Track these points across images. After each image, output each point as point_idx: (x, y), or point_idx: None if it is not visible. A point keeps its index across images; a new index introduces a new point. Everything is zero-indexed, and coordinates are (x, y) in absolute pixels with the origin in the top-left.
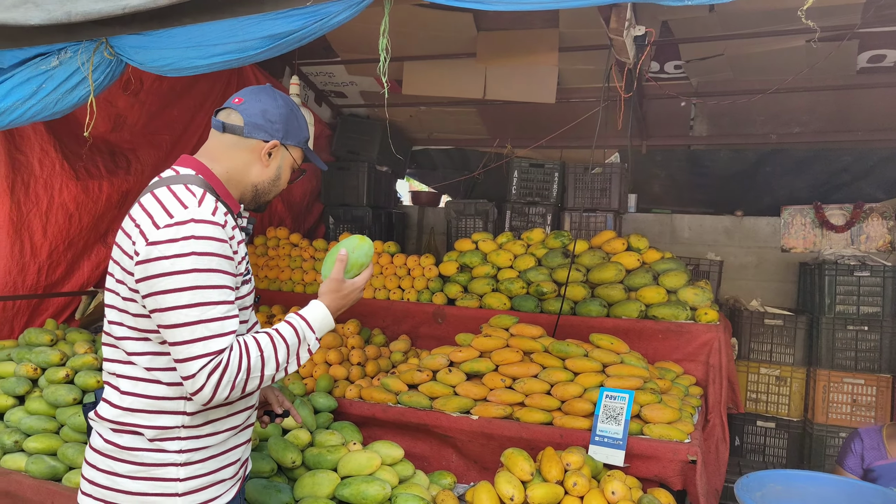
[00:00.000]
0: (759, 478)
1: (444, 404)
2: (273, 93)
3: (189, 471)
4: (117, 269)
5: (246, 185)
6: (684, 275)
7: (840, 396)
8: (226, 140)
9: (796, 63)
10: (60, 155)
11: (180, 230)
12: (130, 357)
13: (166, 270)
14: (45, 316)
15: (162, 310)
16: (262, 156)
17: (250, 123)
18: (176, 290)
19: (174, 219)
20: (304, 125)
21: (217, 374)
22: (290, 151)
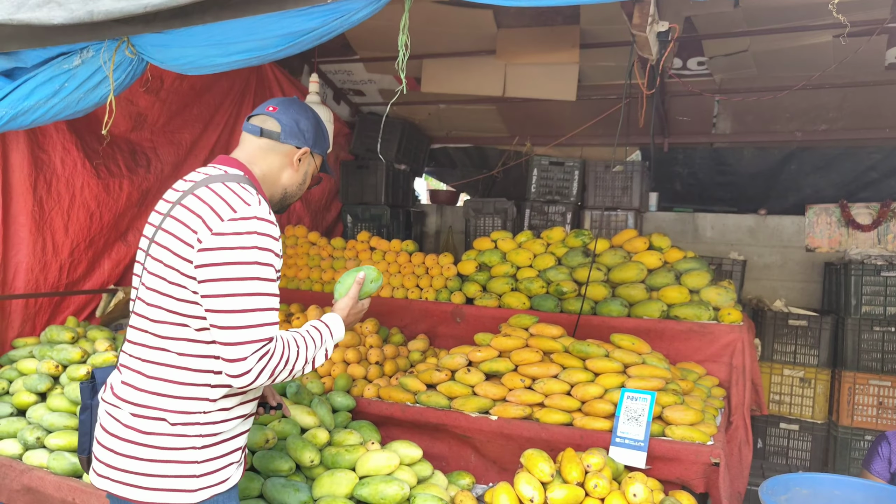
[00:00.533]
0: (783, 481)
1: (462, 404)
2: (304, 105)
3: (206, 454)
4: (167, 254)
5: (277, 187)
6: (707, 274)
7: (866, 399)
8: (262, 144)
9: (823, 59)
10: (82, 154)
11: (246, 225)
12: (164, 342)
13: (231, 260)
14: (67, 313)
15: (221, 295)
16: (294, 161)
17: (286, 130)
18: (238, 278)
19: (238, 213)
20: (326, 135)
21: (264, 360)
22: (315, 159)
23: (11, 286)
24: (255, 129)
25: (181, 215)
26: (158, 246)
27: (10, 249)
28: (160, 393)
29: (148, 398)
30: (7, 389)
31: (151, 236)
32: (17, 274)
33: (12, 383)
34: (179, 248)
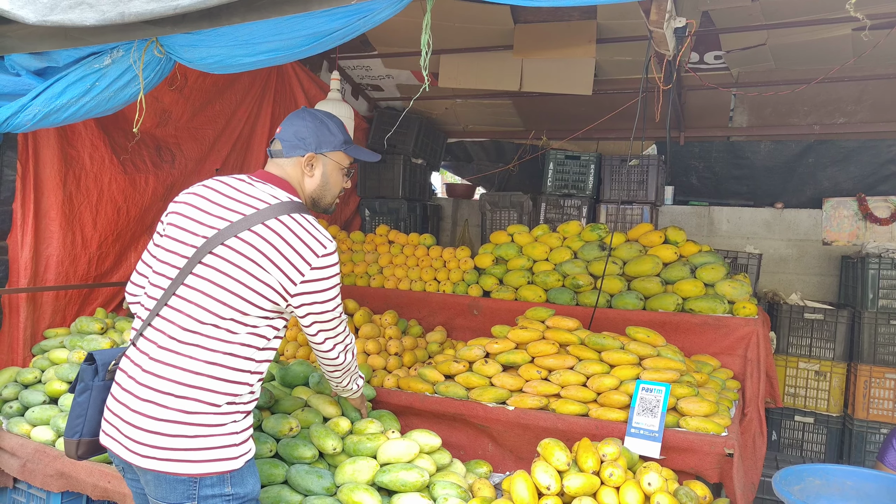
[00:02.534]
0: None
1: (480, 395)
2: (301, 114)
3: (242, 425)
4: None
5: (305, 195)
6: (722, 268)
7: (882, 392)
8: (280, 163)
9: (842, 52)
10: (109, 150)
11: (332, 258)
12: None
13: (325, 287)
14: (96, 305)
15: (320, 312)
16: (305, 168)
17: (287, 145)
18: (331, 309)
19: (327, 250)
20: (336, 132)
21: (349, 355)
22: (330, 157)
23: (43, 278)
24: (270, 153)
25: (274, 240)
26: (240, 255)
27: (41, 243)
28: (214, 377)
29: (201, 380)
30: (40, 378)
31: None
32: (49, 267)
33: (44, 372)
34: (274, 271)
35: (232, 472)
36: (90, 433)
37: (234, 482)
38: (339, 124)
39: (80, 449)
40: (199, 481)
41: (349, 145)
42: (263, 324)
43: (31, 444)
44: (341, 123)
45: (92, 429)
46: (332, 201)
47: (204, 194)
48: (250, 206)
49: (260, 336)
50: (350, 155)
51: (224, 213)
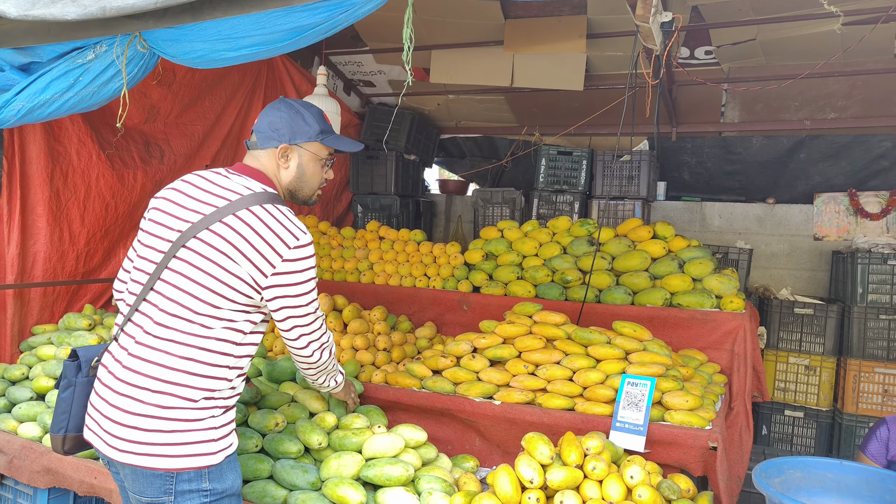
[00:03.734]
0: (777, 464)
1: (467, 390)
2: (277, 104)
3: (221, 421)
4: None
5: (282, 187)
6: (710, 263)
7: (871, 387)
8: (255, 154)
9: (831, 47)
10: (97, 145)
11: (305, 251)
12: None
13: (298, 280)
14: (84, 301)
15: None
16: (280, 159)
17: (261, 137)
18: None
19: (300, 241)
20: (312, 122)
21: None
22: (306, 148)
23: (30, 275)
24: (247, 146)
25: (243, 231)
26: (211, 248)
27: (28, 239)
28: (190, 372)
29: (177, 376)
30: (27, 375)
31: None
32: (36, 263)
33: (32, 369)
34: (244, 263)
35: (210, 467)
36: (75, 428)
37: (211, 477)
38: (317, 114)
39: (67, 444)
40: (176, 476)
41: (326, 135)
42: (240, 318)
43: (18, 441)
44: (319, 113)
45: (77, 424)
46: (311, 193)
47: (181, 189)
48: (224, 198)
49: (237, 330)
50: (327, 145)
51: (198, 207)
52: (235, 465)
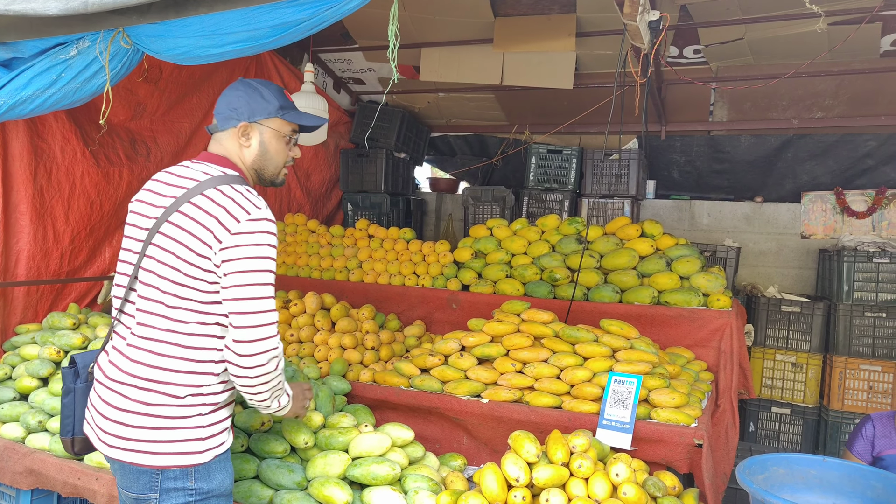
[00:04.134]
0: (761, 461)
1: (455, 388)
2: (235, 85)
3: (210, 419)
4: (184, 250)
5: (247, 168)
6: (697, 261)
7: (856, 383)
8: (217, 138)
9: (817, 46)
10: (82, 142)
11: (259, 225)
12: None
13: (249, 255)
14: (68, 300)
15: (238, 298)
16: (241, 139)
17: (220, 118)
18: (257, 270)
19: (251, 216)
20: (271, 98)
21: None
22: (266, 125)
23: (13, 274)
24: (209, 132)
25: (196, 214)
26: (170, 239)
27: (11, 238)
28: (172, 369)
29: (159, 374)
30: (10, 375)
31: (154, 227)
32: (19, 262)
33: (15, 368)
34: (197, 245)
35: (196, 465)
36: (82, 431)
37: (198, 476)
38: (276, 91)
39: (76, 446)
40: (162, 473)
41: (286, 111)
42: (215, 309)
43: (1, 442)
44: (279, 90)
45: (83, 427)
46: (277, 171)
47: (150, 188)
48: (183, 187)
49: (216, 324)
50: (288, 120)
51: (162, 202)
52: (226, 465)
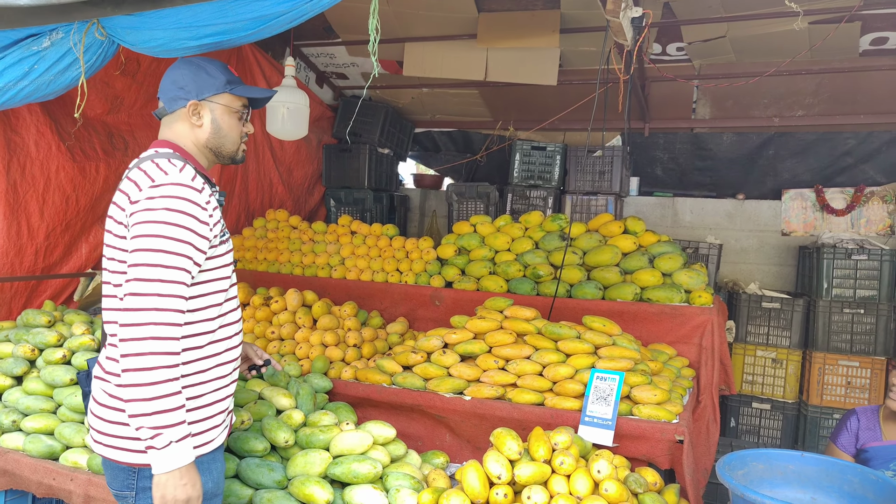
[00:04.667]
0: (741, 457)
1: (437, 385)
2: (176, 64)
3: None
4: (110, 236)
5: (202, 148)
6: (680, 258)
7: (835, 378)
8: (165, 122)
9: (798, 45)
10: (57, 136)
11: (161, 190)
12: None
13: (146, 220)
14: (44, 297)
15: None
16: (192, 118)
17: (167, 99)
18: (147, 235)
19: (156, 181)
20: (217, 73)
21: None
22: (216, 101)
23: None
24: (157, 117)
25: (117, 198)
26: (106, 231)
27: None
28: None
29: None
30: None
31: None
32: None
33: None
34: (116, 228)
35: None
36: None
37: None
38: (221, 66)
39: None
40: (139, 472)
41: (234, 85)
42: None
43: None
44: (223, 65)
45: None
46: (235, 148)
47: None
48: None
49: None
50: (237, 94)
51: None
52: (211, 466)
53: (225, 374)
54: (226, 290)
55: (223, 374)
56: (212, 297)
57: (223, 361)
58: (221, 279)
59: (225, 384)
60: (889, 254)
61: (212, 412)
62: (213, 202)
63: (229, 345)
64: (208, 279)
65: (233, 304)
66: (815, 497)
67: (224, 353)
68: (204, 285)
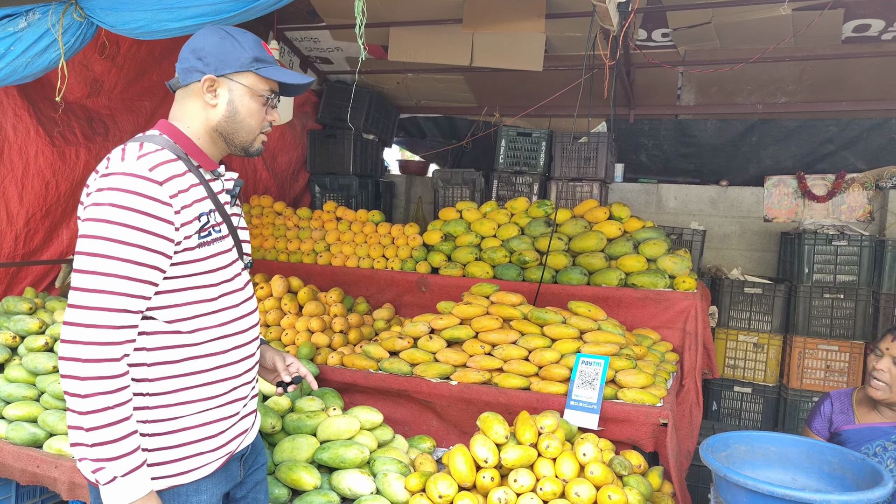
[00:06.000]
0: (723, 439)
1: (424, 370)
2: (203, 29)
3: (154, 442)
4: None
5: (210, 132)
6: (664, 244)
7: (814, 362)
8: (177, 97)
9: (782, 31)
10: (35, 120)
11: (107, 181)
12: None
13: (87, 218)
14: (24, 284)
15: (77, 264)
16: (206, 95)
17: (182, 70)
18: (87, 236)
19: (108, 170)
20: (242, 47)
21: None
22: (237, 80)
23: None
24: (170, 88)
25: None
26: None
27: None
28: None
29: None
30: None
31: None
32: None
33: None
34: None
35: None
36: None
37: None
38: (254, 41)
39: None
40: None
41: (263, 65)
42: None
43: None
44: (256, 40)
45: None
46: (251, 138)
47: None
48: None
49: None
50: (264, 76)
51: None
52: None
53: (215, 394)
54: (214, 300)
55: (213, 395)
56: (187, 308)
57: (213, 380)
58: (204, 287)
59: (216, 405)
60: (869, 240)
61: (196, 437)
62: (187, 196)
63: (222, 361)
64: (180, 287)
65: (229, 314)
66: (796, 477)
67: (214, 371)
68: (172, 294)
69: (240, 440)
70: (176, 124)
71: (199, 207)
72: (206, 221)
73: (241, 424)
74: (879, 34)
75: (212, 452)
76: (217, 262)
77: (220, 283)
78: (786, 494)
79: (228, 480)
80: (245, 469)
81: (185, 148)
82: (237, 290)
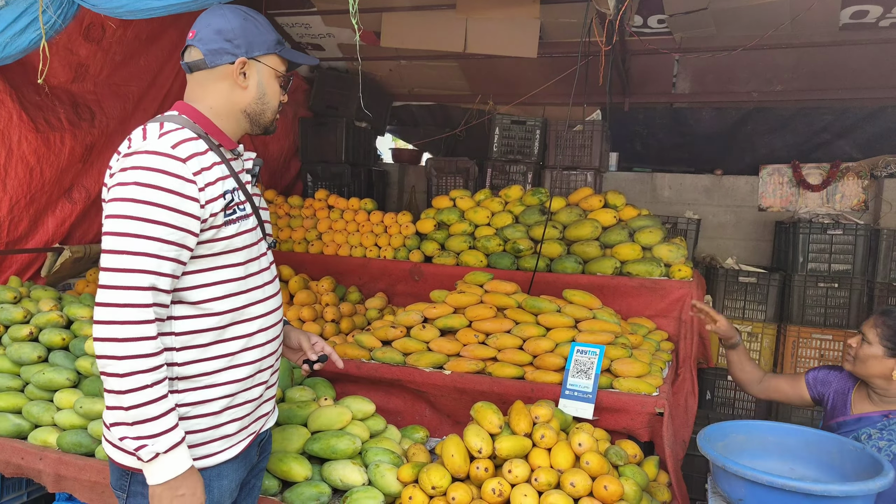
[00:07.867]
0: (721, 428)
1: (417, 360)
2: (221, 9)
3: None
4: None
5: (236, 113)
6: (660, 232)
7: (808, 351)
8: (198, 78)
9: (779, 18)
10: (18, 105)
11: (130, 160)
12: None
13: (112, 198)
14: (9, 273)
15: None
16: (237, 78)
17: (210, 52)
18: (114, 216)
19: (132, 149)
20: (266, 29)
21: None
22: (264, 61)
23: None
24: (185, 68)
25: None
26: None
27: None
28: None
29: None
30: None
31: None
32: None
33: None
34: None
35: None
36: None
37: None
38: (268, 22)
39: None
40: (131, 475)
41: (283, 46)
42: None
43: None
44: (268, 21)
45: None
46: (273, 118)
47: None
48: None
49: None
50: (285, 57)
51: None
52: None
53: (241, 377)
54: (241, 279)
55: (238, 378)
56: (214, 288)
57: (240, 363)
58: (231, 266)
59: (242, 388)
60: (863, 229)
61: (220, 420)
62: (210, 174)
63: (248, 343)
64: (208, 267)
65: (255, 294)
66: (794, 467)
67: (241, 354)
68: (200, 275)
69: (262, 422)
70: (195, 105)
71: (223, 185)
72: (231, 199)
73: (264, 407)
74: (877, 20)
75: (236, 435)
76: (243, 240)
77: (247, 261)
78: (784, 485)
79: (247, 465)
80: (260, 453)
81: (205, 127)
82: (263, 269)
